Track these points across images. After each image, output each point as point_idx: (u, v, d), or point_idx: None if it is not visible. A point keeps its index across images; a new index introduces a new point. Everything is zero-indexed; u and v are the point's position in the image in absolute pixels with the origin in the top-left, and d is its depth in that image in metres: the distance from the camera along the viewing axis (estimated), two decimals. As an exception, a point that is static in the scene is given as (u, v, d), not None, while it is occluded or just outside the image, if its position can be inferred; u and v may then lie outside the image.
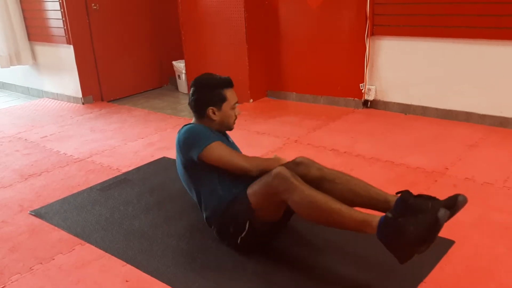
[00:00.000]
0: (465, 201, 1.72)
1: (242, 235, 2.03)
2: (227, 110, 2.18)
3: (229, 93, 2.19)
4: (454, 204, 1.69)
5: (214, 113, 2.16)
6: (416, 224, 1.62)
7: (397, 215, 1.67)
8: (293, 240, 2.19)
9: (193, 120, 2.27)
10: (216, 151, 2.05)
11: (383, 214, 1.80)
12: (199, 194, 2.17)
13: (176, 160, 2.25)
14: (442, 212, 1.60)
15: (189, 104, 2.23)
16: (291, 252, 2.11)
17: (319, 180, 2.02)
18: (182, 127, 2.20)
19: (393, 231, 1.65)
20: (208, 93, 2.17)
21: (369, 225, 1.70)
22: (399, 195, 1.86)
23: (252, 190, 1.98)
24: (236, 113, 2.23)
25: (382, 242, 1.69)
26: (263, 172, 2.00)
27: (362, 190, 1.97)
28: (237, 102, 2.23)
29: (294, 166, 2.05)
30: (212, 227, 2.17)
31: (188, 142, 2.09)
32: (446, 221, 1.62)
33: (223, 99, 2.17)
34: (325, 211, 1.78)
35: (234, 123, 2.26)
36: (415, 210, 1.71)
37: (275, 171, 1.89)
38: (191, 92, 2.22)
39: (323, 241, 2.18)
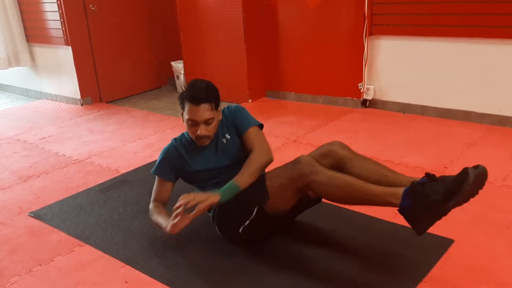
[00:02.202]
0: (484, 172, 1.68)
1: (246, 223, 2.01)
2: (185, 122, 2.10)
3: (189, 107, 2.03)
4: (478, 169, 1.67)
5: (182, 119, 2.14)
6: (443, 186, 1.63)
7: (423, 182, 1.70)
8: (293, 240, 2.19)
9: None
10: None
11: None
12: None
13: None
14: (471, 169, 1.61)
15: None
16: (291, 252, 2.10)
17: (347, 160, 2.04)
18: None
19: (418, 195, 1.67)
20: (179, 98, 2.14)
21: (394, 194, 1.73)
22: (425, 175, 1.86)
23: (273, 173, 2.00)
24: (197, 132, 2.04)
25: (404, 210, 1.70)
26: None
27: (390, 172, 1.99)
28: (195, 122, 2.04)
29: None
30: (214, 217, 2.17)
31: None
32: (472, 181, 1.59)
33: (183, 109, 2.10)
34: (350, 186, 1.82)
35: (197, 140, 2.10)
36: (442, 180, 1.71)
37: (299, 158, 1.93)
38: None
39: (323, 240, 2.18)
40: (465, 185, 1.59)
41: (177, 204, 1.89)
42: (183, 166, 2.18)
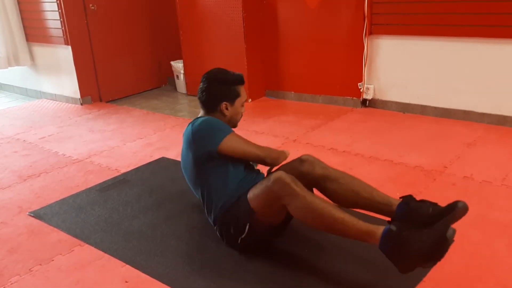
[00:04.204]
0: (465, 208, 1.69)
1: (242, 236, 2.02)
2: (238, 106, 2.22)
3: (242, 90, 2.23)
4: (453, 209, 1.67)
5: (227, 108, 2.18)
6: (421, 241, 1.60)
7: (401, 228, 1.65)
8: (293, 240, 2.19)
9: (201, 114, 2.26)
10: (233, 141, 2.09)
11: (387, 218, 1.81)
12: (205, 191, 2.14)
13: (183, 156, 2.24)
14: (451, 231, 1.58)
15: (200, 98, 2.22)
16: (291, 252, 2.11)
17: (323, 179, 2.05)
18: (195, 120, 2.17)
19: (396, 245, 1.64)
20: (223, 88, 2.18)
21: (372, 236, 1.70)
22: (401, 199, 1.87)
23: (253, 194, 1.97)
24: (243, 111, 2.27)
25: (384, 254, 1.68)
26: (274, 162, 2.14)
27: (365, 192, 1.98)
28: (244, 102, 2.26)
29: (299, 163, 2.10)
30: (215, 226, 2.17)
31: (205, 134, 2.09)
32: (453, 238, 1.58)
33: (237, 95, 2.20)
34: (328, 219, 1.77)
35: (239, 120, 2.30)
36: (418, 220, 1.70)
37: (275, 175, 1.87)
38: (203, 86, 2.20)
39: (323, 240, 2.18)
40: (444, 248, 1.57)
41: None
42: None
